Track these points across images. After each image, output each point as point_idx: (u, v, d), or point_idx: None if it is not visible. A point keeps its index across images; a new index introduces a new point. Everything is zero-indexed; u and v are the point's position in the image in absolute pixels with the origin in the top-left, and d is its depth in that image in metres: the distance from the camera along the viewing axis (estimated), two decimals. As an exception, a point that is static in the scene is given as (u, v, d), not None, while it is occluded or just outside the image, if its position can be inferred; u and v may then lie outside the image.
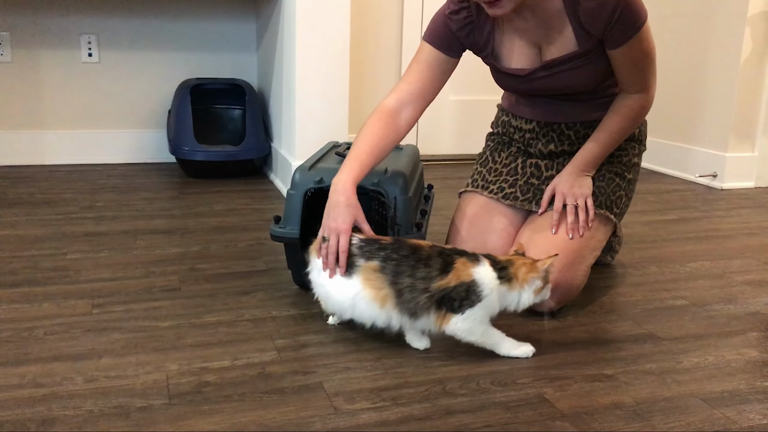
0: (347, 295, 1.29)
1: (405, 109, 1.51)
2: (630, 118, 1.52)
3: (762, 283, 1.74)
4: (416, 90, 1.51)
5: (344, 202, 1.36)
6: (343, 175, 1.39)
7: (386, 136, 1.48)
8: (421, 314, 1.25)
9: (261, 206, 2.36)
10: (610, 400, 1.16)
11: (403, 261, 1.26)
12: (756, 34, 2.79)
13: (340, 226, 1.33)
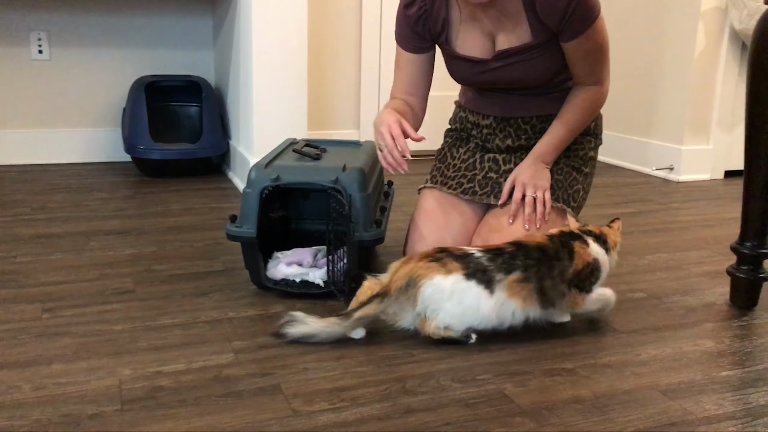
0: (492, 310, 1.29)
1: (410, 101, 1.59)
2: (586, 110, 1.53)
3: (717, 274, 1.76)
4: (410, 88, 1.59)
5: (386, 112, 1.45)
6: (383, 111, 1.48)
7: (407, 109, 1.56)
8: (558, 302, 1.34)
9: (219, 205, 2.32)
10: (569, 394, 1.16)
11: (540, 264, 1.31)
12: (709, 29, 2.83)
13: (386, 123, 1.40)
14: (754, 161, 1.45)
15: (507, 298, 1.30)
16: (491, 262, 1.30)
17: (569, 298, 1.35)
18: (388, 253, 1.85)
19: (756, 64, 1.41)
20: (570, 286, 1.34)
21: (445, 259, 1.30)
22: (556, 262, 1.32)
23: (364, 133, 3.18)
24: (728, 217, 2.34)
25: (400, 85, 1.60)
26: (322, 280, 1.53)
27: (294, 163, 1.58)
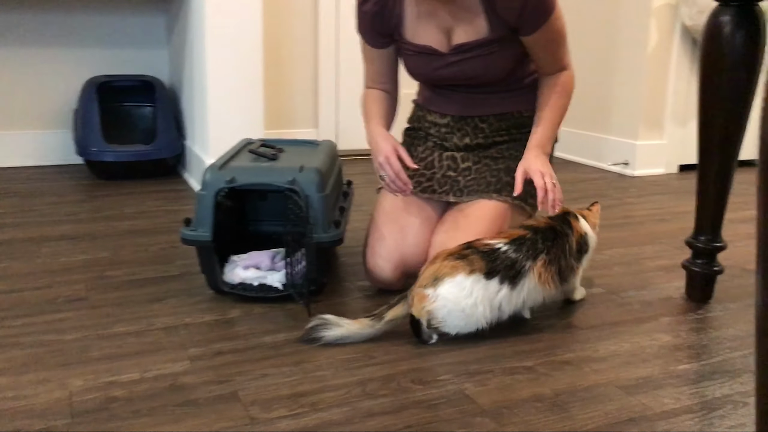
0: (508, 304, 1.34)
1: (385, 88, 1.64)
2: (565, 94, 1.54)
3: (673, 268, 1.79)
4: (380, 78, 1.63)
5: (381, 138, 1.53)
6: (371, 128, 1.57)
7: (385, 99, 1.63)
8: (570, 278, 1.45)
9: (175, 207, 2.28)
10: (529, 392, 1.16)
11: (556, 243, 1.39)
12: (661, 26, 2.88)
13: (385, 154, 1.50)
14: (707, 156, 1.47)
15: (537, 283, 1.35)
16: (518, 253, 1.34)
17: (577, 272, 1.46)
18: (349, 254, 1.83)
19: (707, 60, 1.43)
20: (576, 260, 1.44)
21: (471, 256, 1.31)
22: (566, 238, 1.41)
23: (323, 132, 3.16)
24: (683, 211, 2.38)
25: (372, 75, 1.64)
26: (280, 284, 1.50)
27: (250, 164, 1.55)
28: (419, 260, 1.55)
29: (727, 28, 1.39)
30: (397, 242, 1.54)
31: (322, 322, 1.31)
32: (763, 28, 1.39)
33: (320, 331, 1.31)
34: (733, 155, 1.46)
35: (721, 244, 1.52)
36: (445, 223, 1.56)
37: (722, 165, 1.46)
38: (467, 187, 1.59)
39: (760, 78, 1.43)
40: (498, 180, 1.56)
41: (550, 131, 1.53)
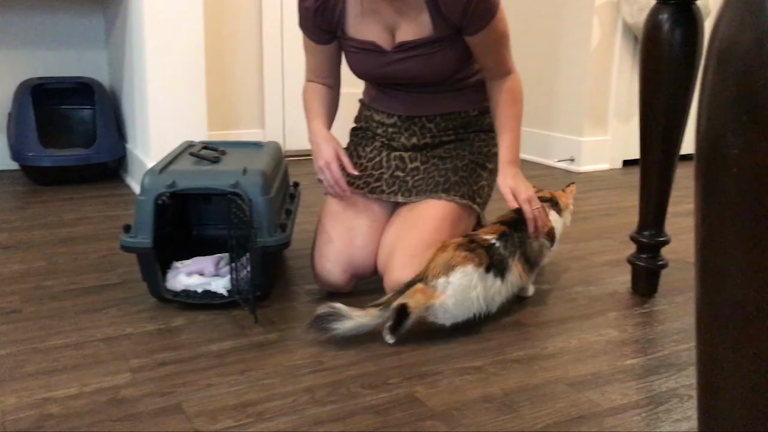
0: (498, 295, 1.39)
1: (327, 82, 1.62)
2: (518, 100, 1.53)
3: (619, 263, 1.81)
4: (322, 72, 1.61)
5: (322, 140, 1.52)
6: (313, 125, 1.56)
7: (327, 94, 1.62)
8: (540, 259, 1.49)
9: (116, 212, 2.21)
10: (479, 393, 1.15)
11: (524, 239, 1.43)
12: (603, 23, 2.92)
13: (326, 159, 1.50)
14: (649, 152, 1.49)
15: (516, 277, 1.42)
16: (505, 249, 1.40)
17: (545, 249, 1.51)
18: (297, 257, 1.80)
19: (646, 57, 1.45)
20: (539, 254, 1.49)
21: (477, 250, 1.35)
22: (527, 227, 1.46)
23: (270, 132, 3.11)
24: (628, 206, 2.42)
25: (313, 69, 1.62)
26: (225, 290, 1.47)
27: (191, 168, 1.51)
28: (368, 262, 1.53)
29: (666, 26, 1.41)
30: (345, 244, 1.52)
31: (332, 311, 1.28)
32: (701, 25, 1.41)
33: (331, 322, 1.28)
34: (674, 151, 1.48)
35: (664, 238, 1.54)
36: (394, 224, 1.55)
37: (664, 160, 1.48)
38: (416, 187, 1.58)
39: (698, 74, 1.45)
40: (446, 180, 1.56)
41: (517, 143, 1.53)
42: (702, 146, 0.42)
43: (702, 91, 0.43)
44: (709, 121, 0.41)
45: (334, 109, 1.64)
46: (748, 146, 0.39)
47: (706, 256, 0.43)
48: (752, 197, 0.39)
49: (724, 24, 0.40)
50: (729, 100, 0.39)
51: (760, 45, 0.38)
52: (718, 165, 0.40)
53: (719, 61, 0.40)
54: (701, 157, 0.43)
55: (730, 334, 0.42)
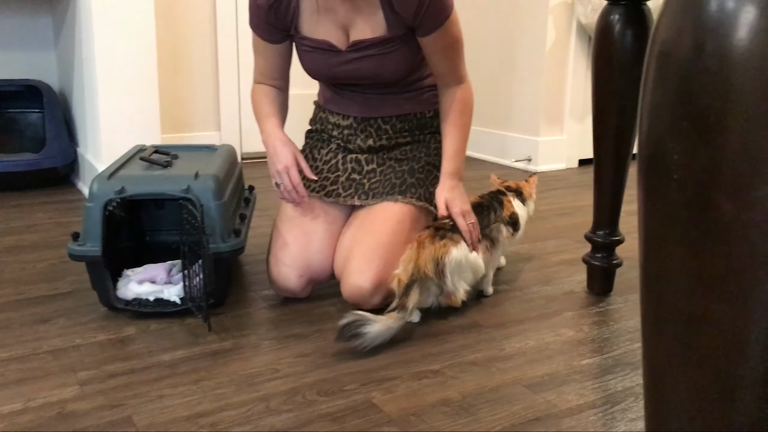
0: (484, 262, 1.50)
1: (277, 84, 1.60)
2: (467, 111, 1.53)
3: (575, 262, 1.82)
4: (272, 73, 1.59)
5: (280, 144, 1.49)
6: (267, 127, 1.54)
7: (277, 96, 1.60)
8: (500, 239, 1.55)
9: (67, 219, 2.15)
10: (437, 397, 1.15)
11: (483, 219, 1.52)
12: (558, 23, 2.95)
13: (285, 164, 1.47)
14: (602, 153, 1.50)
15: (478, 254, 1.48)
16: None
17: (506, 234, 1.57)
18: (252, 262, 1.78)
19: (598, 57, 1.46)
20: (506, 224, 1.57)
21: (448, 234, 1.43)
22: (492, 210, 1.55)
23: (226, 135, 3.07)
24: (583, 205, 2.44)
25: (263, 71, 1.59)
26: (178, 297, 1.43)
27: (141, 173, 1.47)
28: (325, 266, 1.52)
29: (617, 27, 1.42)
30: (301, 249, 1.50)
31: (358, 318, 1.28)
32: (652, 25, 1.42)
33: (359, 328, 1.27)
34: (626, 151, 1.49)
35: (618, 237, 1.56)
36: (351, 227, 1.54)
37: (617, 161, 1.49)
38: (372, 190, 1.56)
39: (649, 75, 1.47)
40: (402, 182, 1.55)
41: (461, 154, 1.53)
42: (644, 150, 0.42)
43: (643, 95, 0.42)
44: (650, 125, 0.40)
45: (285, 111, 1.62)
46: (689, 152, 0.38)
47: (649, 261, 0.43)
48: (693, 203, 0.38)
49: (663, 27, 0.40)
50: (669, 105, 0.39)
51: (699, 50, 0.37)
52: (659, 170, 0.40)
53: (659, 65, 0.39)
54: (643, 161, 0.42)
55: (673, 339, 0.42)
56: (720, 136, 0.37)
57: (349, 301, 1.46)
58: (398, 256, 1.46)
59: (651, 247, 0.42)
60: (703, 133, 0.37)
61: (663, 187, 0.40)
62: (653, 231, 0.42)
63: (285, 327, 1.40)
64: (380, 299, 1.45)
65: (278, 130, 1.54)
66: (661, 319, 0.42)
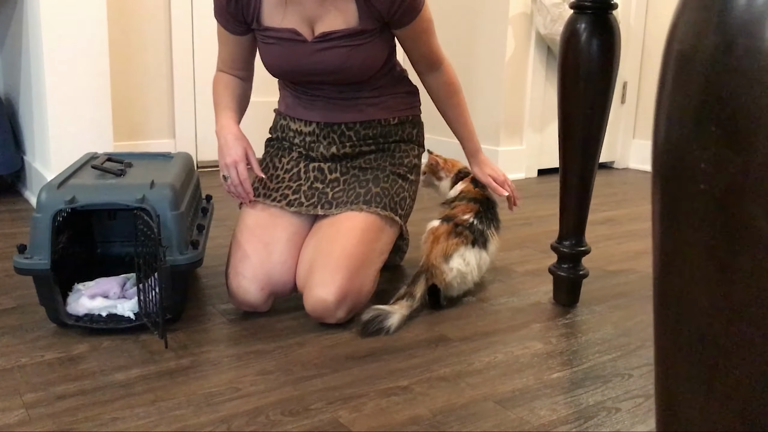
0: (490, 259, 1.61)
1: (240, 75, 1.57)
2: (458, 89, 1.63)
3: (540, 272, 1.81)
4: (235, 64, 1.55)
5: (232, 138, 1.45)
6: (223, 119, 1.49)
7: (238, 86, 1.56)
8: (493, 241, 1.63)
9: (13, 230, 2.05)
10: (406, 415, 1.11)
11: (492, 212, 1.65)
12: (517, 34, 2.96)
13: (234, 158, 1.43)
14: (568, 162, 1.49)
15: (495, 244, 1.62)
16: (482, 224, 1.59)
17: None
18: (210, 274, 1.71)
19: (564, 67, 1.44)
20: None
21: (464, 232, 1.54)
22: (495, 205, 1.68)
23: (181, 143, 2.99)
24: (545, 215, 2.44)
25: (226, 60, 1.56)
26: (132, 313, 1.36)
27: (93, 182, 1.40)
28: (287, 279, 1.47)
29: (584, 36, 1.41)
30: (262, 260, 1.45)
31: (379, 312, 1.39)
32: (618, 35, 1.42)
33: (382, 322, 1.39)
34: (592, 162, 1.48)
35: (584, 248, 1.54)
36: (314, 238, 1.49)
37: (583, 170, 1.48)
38: (336, 199, 1.52)
39: (615, 84, 1.46)
40: (367, 191, 1.51)
41: (473, 131, 1.68)
42: (661, 161, 0.39)
43: (659, 101, 0.39)
44: (669, 133, 0.37)
45: (245, 103, 1.58)
46: (717, 159, 0.35)
47: (666, 282, 0.39)
48: (720, 216, 0.35)
49: (682, 27, 0.37)
50: (693, 108, 0.36)
51: (727, 49, 0.34)
52: (682, 181, 0.37)
53: (679, 66, 0.36)
54: (661, 173, 0.39)
55: (694, 367, 0.38)
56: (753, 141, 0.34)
57: (313, 315, 1.41)
58: (363, 267, 1.42)
59: (669, 264, 0.39)
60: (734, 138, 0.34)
61: (686, 198, 0.37)
62: (672, 246, 0.39)
63: (245, 343, 1.35)
64: (344, 313, 1.41)
65: (232, 123, 1.49)
66: (679, 344, 0.39)
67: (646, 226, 2.32)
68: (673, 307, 0.38)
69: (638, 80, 3.38)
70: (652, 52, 3.32)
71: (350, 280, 1.40)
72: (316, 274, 1.40)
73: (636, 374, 1.27)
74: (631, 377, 1.25)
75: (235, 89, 1.55)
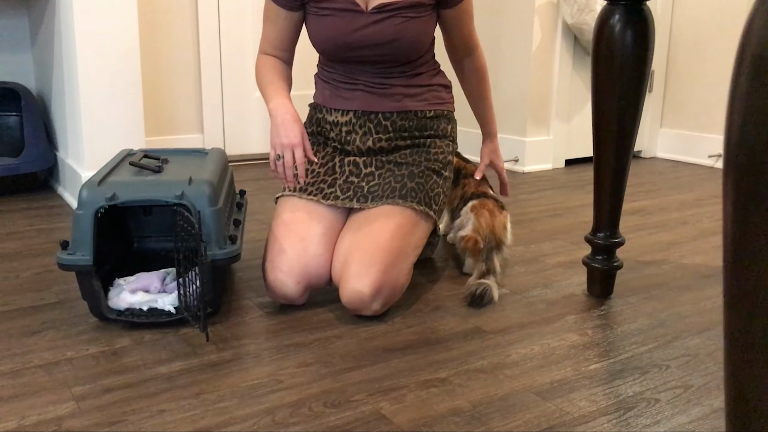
0: None
1: (282, 57, 1.59)
2: (486, 75, 1.72)
3: (573, 264, 1.81)
4: (281, 44, 1.57)
5: (290, 119, 1.44)
6: (277, 98, 1.48)
7: (284, 69, 1.58)
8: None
9: (49, 226, 2.09)
10: (447, 406, 1.12)
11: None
12: (544, 24, 2.94)
13: (293, 140, 1.42)
14: (603, 154, 1.48)
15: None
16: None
17: None
18: (245, 268, 1.73)
19: (598, 59, 1.44)
20: None
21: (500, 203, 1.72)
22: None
23: (209, 138, 3.01)
24: (574, 206, 2.43)
25: (271, 39, 1.57)
26: (173, 307, 1.39)
27: (132, 178, 1.43)
28: (323, 272, 1.48)
29: (617, 27, 1.40)
30: (298, 254, 1.46)
31: (484, 285, 1.53)
32: (652, 25, 1.41)
33: (490, 295, 1.52)
34: (627, 151, 1.48)
35: (619, 239, 1.54)
36: (349, 231, 1.50)
37: (617, 162, 1.48)
38: (371, 193, 1.53)
39: (650, 75, 1.46)
40: (403, 186, 1.52)
41: (493, 115, 1.78)
42: (737, 158, 0.39)
43: (732, 101, 0.39)
44: (744, 131, 0.38)
45: (290, 85, 1.58)
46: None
47: (738, 278, 0.40)
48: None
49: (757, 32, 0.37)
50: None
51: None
52: (758, 178, 0.37)
53: (755, 68, 0.37)
54: (735, 169, 0.40)
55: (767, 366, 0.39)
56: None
57: (348, 307, 1.43)
58: (398, 260, 1.43)
59: (742, 262, 0.40)
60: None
61: (761, 197, 0.37)
62: (747, 245, 0.39)
63: (284, 336, 1.36)
64: (380, 305, 1.42)
65: (289, 102, 1.48)
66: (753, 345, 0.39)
67: (677, 216, 2.30)
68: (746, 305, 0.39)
69: (665, 69, 3.34)
70: (679, 41, 3.28)
71: (385, 273, 1.41)
72: (352, 266, 1.42)
73: (674, 365, 1.27)
74: (669, 368, 1.26)
75: (281, 71, 1.56)
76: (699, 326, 1.44)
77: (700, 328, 1.43)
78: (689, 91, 3.28)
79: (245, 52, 3.03)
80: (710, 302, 1.57)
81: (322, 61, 1.62)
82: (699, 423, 1.08)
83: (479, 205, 1.69)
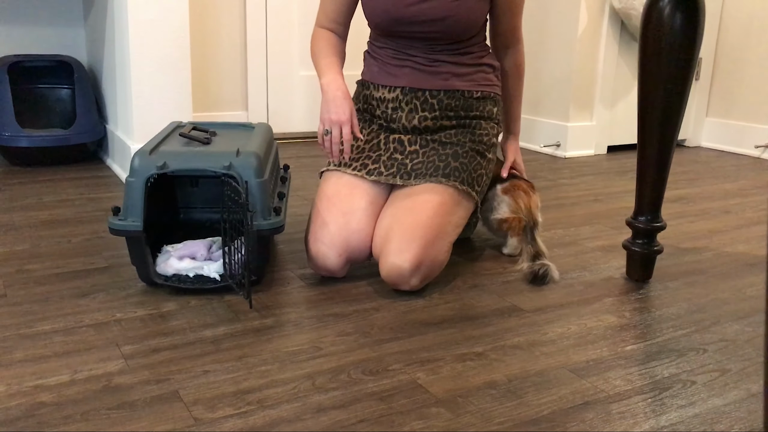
0: None
1: (338, 31, 1.63)
2: (522, 74, 1.75)
3: (612, 248, 1.81)
4: (338, 17, 1.61)
5: (341, 95, 1.47)
6: (331, 73, 1.52)
7: (339, 44, 1.62)
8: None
9: (98, 195, 2.15)
10: (482, 379, 1.14)
11: None
12: (590, 8, 2.91)
13: (341, 117, 1.46)
14: (647, 138, 1.48)
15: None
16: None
17: None
18: (287, 241, 1.77)
19: (646, 42, 1.43)
20: None
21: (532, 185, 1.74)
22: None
23: (253, 115, 3.06)
24: (615, 191, 2.42)
25: (328, 12, 1.62)
26: (218, 274, 1.43)
27: (182, 149, 1.47)
28: (364, 246, 1.51)
29: (667, 10, 1.39)
30: (340, 228, 1.49)
31: (546, 266, 1.57)
32: (702, 10, 1.40)
33: (551, 273, 1.57)
34: (672, 137, 1.47)
35: (660, 224, 1.54)
36: (391, 207, 1.52)
37: (662, 147, 1.47)
38: (415, 170, 1.55)
39: (699, 61, 1.44)
40: (446, 165, 1.53)
41: (520, 114, 1.80)
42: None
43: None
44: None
45: (343, 60, 1.62)
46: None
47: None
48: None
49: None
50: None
51: None
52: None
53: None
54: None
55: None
56: None
57: (388, 281, 1.45)
58: (438, 238, 1.45)
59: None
60: None
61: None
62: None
63: (324, 306, 1.40)
64: (419, 280, 1.44)
65: (341, 78, 1.52)
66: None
67: (719, 205, 2.28)
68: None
69: (713, 57, 3.28)
70: (729, 29, 3.22)
71: (425, 249, 1.43)
72: (393, 242, 1.44)
73: (711, 349, 1.27)
74: (706, 352, 1.26)
75: (336, 45, 1.60)
76: (739, 313, 1.43)
77: (740, 314, 1.43)
78: (737, 80, 3.22)
79: (291, 31, 3.06)
80: (752, 289, 1.56)
81: (373, 37, 1.63)
82: (735, 406, 1.08)
83: (512, 187, 1.70)
